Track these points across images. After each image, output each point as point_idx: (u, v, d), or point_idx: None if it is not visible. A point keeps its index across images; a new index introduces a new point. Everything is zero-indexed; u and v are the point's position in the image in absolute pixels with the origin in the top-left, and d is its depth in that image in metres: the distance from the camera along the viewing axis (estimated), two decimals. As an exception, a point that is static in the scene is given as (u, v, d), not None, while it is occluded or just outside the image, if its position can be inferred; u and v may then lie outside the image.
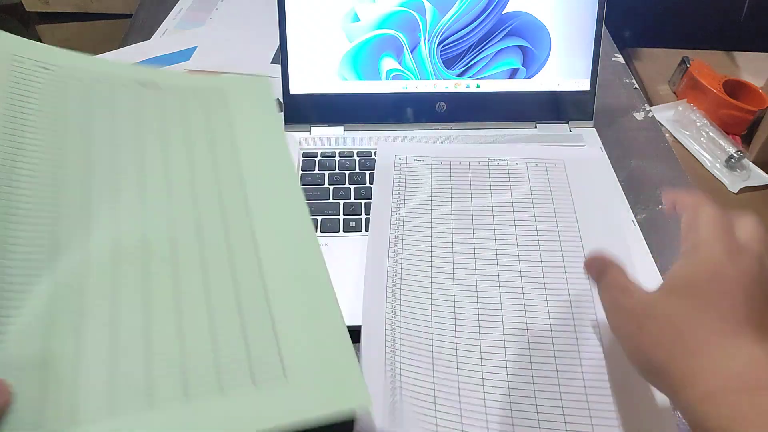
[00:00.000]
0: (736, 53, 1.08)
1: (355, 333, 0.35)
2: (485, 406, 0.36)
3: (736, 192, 0.84)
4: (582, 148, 0.56)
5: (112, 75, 0.39)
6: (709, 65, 0.97)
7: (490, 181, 0.50)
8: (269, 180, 0.38)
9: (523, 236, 0.46)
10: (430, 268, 0.44)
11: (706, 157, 0.88)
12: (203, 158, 0.37)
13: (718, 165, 0.87)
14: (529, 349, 0.39)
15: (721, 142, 0.88)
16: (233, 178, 0.37)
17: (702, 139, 0.90)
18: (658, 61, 1.06)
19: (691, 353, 0.26)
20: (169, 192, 0.36)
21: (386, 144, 0.54)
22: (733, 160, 0.86)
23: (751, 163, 0.87)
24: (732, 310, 0.27)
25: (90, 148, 0.35)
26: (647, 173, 0.57)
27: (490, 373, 0.37)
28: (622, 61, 0.73)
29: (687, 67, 0.96)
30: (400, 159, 0.52)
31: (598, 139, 0.57)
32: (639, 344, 0.28)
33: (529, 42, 0.56)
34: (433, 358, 0.38)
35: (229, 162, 0.38)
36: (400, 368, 0.37)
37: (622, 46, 0.83)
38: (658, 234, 0.51)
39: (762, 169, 0.87)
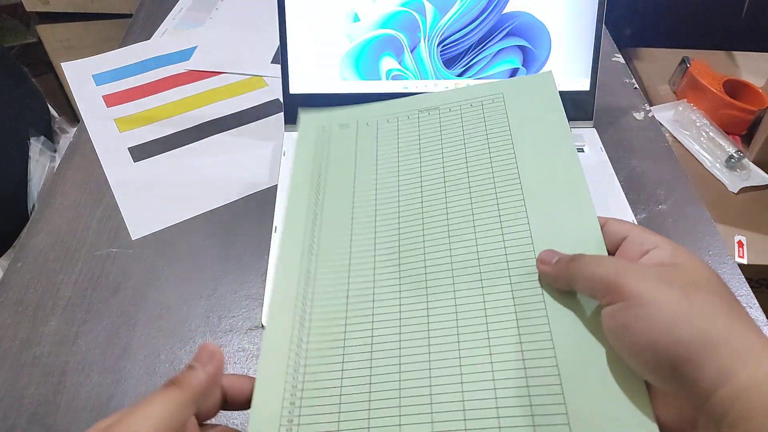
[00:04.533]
0: (736, 53, 1.08)
1: None
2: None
3: (736, 192, 0.84)
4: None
5: (398, 113, 0.45)
6: (709, 65, 0.97)
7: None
8: (546, 174, 0.37)
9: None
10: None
11: (706, 157, 0.88)
12: (478, 157, 0.40)
13: (718, 165, 0.87)
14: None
15: (721, 142, 0.88)
16: (509, 174, 0.38)
17: (702, 139, 0.90)
18: (658, 61, 1.06)
19: (749, 327, 0.24)
20: (445, 189, 0.39)
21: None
22: (733, 160, 0.86)
23: (751, 163, 0.87)
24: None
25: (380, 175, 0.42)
26: (647, 173, 0.57)
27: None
28: (622, 61, 0.73)
29: (687, 67, 0.96)
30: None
31: (598, 139, 0.57)
32: (688, 313, 0.25)
33: (529, 42, 0.55)
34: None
35: (504, 158, 0.40)
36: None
37: (622, 46, 0.83)
38: (658, 234, 0.51)
39: (762, 169, 0.87)
